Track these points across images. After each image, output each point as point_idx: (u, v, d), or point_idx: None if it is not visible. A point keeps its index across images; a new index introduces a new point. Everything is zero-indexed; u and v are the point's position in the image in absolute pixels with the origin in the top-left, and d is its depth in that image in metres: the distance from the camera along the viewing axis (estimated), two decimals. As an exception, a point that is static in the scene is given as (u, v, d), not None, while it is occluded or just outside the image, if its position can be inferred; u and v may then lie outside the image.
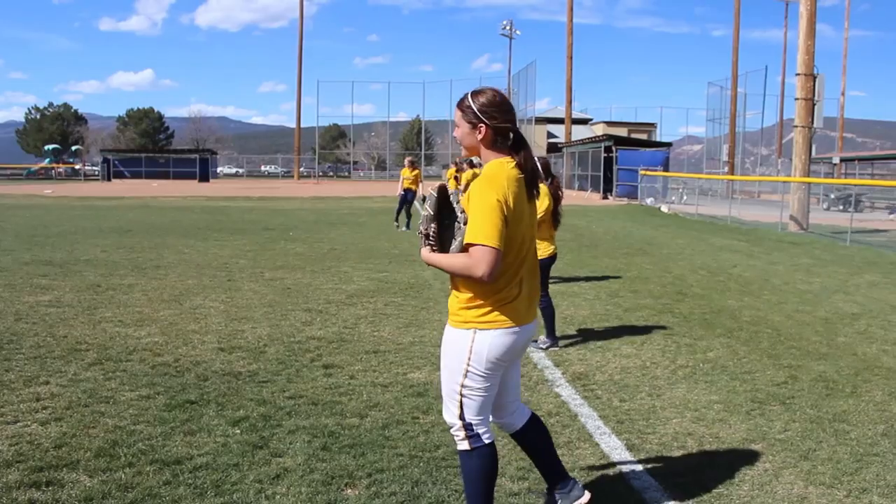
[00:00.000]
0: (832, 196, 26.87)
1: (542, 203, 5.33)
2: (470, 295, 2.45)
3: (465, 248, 2.40)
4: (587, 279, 8.78)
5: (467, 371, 2.47)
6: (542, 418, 3.92)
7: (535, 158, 2.57)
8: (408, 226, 15.25)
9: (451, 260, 2.42)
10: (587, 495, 2.80)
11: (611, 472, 3.32)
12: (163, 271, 8.92)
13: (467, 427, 2.52)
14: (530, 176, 2.49)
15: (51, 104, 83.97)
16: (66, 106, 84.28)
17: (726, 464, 3.41)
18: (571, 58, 44.53)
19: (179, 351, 5.19)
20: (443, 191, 2.49)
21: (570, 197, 32.53)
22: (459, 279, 2.47)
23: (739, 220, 19.07)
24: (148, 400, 4.12)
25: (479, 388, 2.49)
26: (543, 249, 5.29)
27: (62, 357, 4.96)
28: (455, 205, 2.47)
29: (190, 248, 11.37)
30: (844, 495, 3.11)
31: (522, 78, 49.78)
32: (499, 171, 2.43)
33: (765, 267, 10.36)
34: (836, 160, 36.15)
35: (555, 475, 2.81)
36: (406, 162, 15.88)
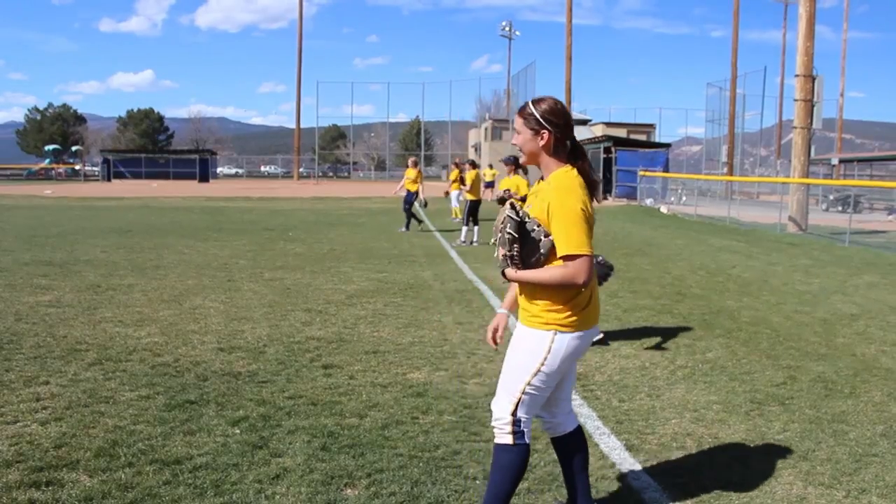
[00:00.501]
0: (831, 197, 26.88)
1: None
2: (549, 300, 2.51)
3: (537, 261, 2.47)
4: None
5: (538, 371, 2.54)
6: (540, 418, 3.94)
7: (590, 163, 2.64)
8: (407, 227, 15.11)
9: (549, 274, 2.47)
10: None
11: (610, 472, 3.32)
12: (162, 272, 8.93)
13: (516, 423, 2.59)
14: (590, 183, 2.56)
15: (51, 105, 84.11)
16: (65, 106, 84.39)
17: (725, 464, 3.42)
18: (570, 58, 44.52)
19: (179, 351, 5.20)
20: (514, 208, 2.52)
21: (570, 198, 32.54)
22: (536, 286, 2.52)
23: (738, 220, 19.08)
24: (148, 400, 4.12)
25: (541, 388, 2.57)
26: None
27: (62, 357, 4.96)
28: (528, 220, 2.51)
29: (190, 249, 11.37)
30: (843, 496, 3.11)
31: (522, 79, 49.82)
32: (570, 179, 2.51)
33: (764, 268, 10.36)
34: (834, 161, 36.16)
35: (581, 494, 2.79)
36: (410, 162, 15.77)
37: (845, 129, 51.20)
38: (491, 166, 26.86)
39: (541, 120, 2.52)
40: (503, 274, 2.57)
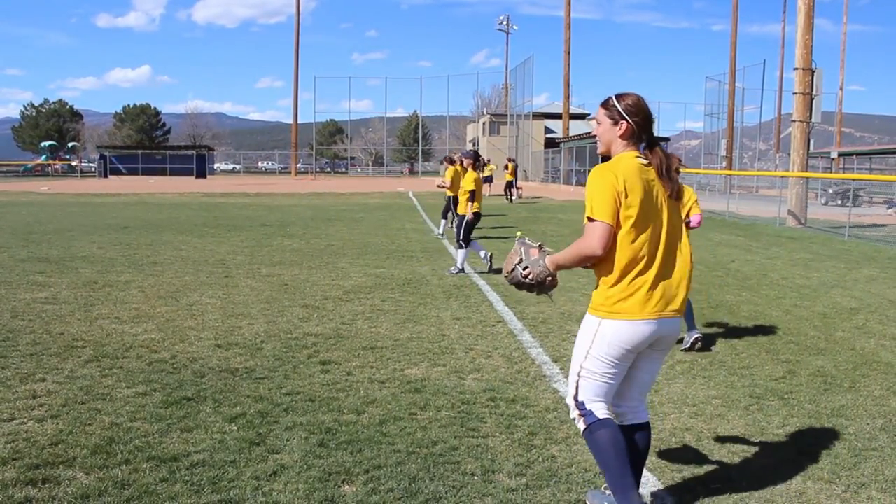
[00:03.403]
0: (830, 191, 26.87)
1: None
2: (601, 283, 2.60)
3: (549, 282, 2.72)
4: (586, 275, 8.77)
5: (588, 354, 2.62)
6: (539, 414, 3.93)
7: (669, 157, 2.74)
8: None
9: (570, 249, 2.61)
10: None
11: (609, 467, 3.30)
12: (159, 268, 8.90)
13: (579, 406, 2.65)
14: (660, 171, 2.66)
15: (47, 100, 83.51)
16: (62, 102, 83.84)
17: (724, 459, 3.41)
18: (569, 53, 44.47)
19: (176, 348, 5.18)
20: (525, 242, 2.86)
21: (569, 192, 32.49)
22: (599, 266, 2.60)
23: (737, 214, 19.07)
24: (144, 397, 4.11)
25: (596, 374, 2.62)
26: None
27: (58, 354, 4.94)
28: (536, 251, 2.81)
29: (187, 245, 11.34)
30: (843, 490, 3.10)
31: (520, 73, 49.73)
32: (618, 159, 2.65)
33: (763, 262, 10.36)
34: (834, 155, 36.18)
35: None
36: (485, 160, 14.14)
37: (845, 122, 51.20)
38: (488, 161, 26.81)
39: (622, 112, 2.67)
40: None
